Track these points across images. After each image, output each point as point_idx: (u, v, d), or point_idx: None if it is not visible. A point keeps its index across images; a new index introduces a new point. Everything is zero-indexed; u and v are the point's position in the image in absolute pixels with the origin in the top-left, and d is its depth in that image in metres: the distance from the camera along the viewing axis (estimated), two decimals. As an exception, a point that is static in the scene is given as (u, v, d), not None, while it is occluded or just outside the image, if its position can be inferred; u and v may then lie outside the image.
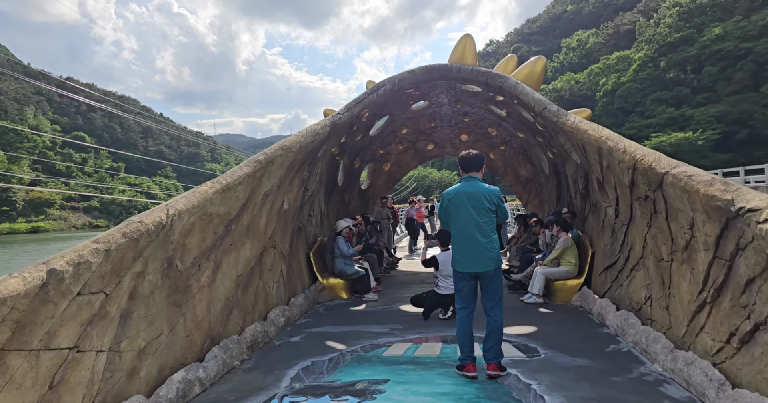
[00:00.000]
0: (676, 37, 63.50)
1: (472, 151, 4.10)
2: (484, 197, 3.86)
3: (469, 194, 3.88)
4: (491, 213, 3.88)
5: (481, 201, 3.85)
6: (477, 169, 4.02)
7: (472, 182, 3.96)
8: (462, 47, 7.34)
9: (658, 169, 3.74)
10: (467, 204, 3.86)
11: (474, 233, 3.82)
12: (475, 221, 3.83)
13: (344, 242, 7.04)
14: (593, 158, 5.31)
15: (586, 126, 5.19)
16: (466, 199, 3.88)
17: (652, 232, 4.25)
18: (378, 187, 12.35)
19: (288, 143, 5.05)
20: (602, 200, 5.85)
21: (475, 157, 4.04)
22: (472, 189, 3.90)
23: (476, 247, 3.82)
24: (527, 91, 6.55)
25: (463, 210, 3.87)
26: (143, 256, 3.03)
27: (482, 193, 3.88)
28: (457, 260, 3.93)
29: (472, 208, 3.84)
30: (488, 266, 3.82)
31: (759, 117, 49.94)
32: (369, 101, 6.94)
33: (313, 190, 6.99)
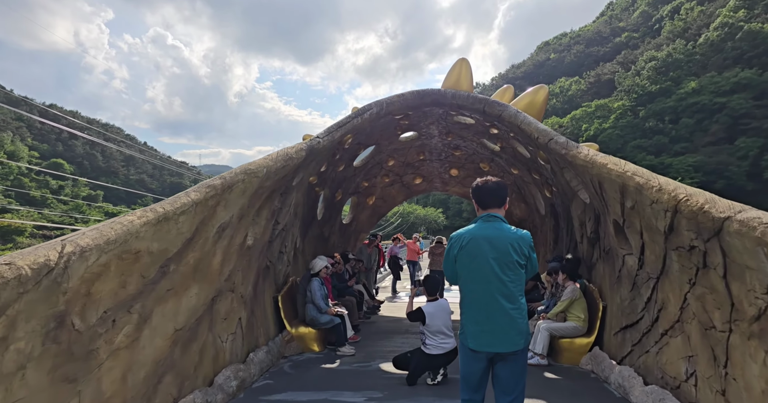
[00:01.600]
0: (654, 89, 66.02)
1: (492, 179, 3.06)
2: (511, 246, 2.86)
3: (491, 241, 2.88)
4: (520, 268, 2.89)
5: (507, 252, 2.85)
6: (499, 204, 3.02)
7: (494, 224, 2.95)
8: (457, 72, 6.71)
9: (714, 213, 2.96)
10: (487, 255, 2.86)
11: (496, 297, 2.84)
12: (499, 278, 2.84)
13: (319, 286, 6.06)
14: (612, 197, 4.55)
15: (605, 159, 4.46)
16: (486, 247, 2.87)
17: (698, 291, 3.43)
18: (361, 222, 11.45)
19: (253, 167, 4.18)
20: (619, 247, 5.05)
21: (497, 188, 3.01)
22: (495, 233, 2.90)
23: (500, 316, 2.83)
24: (529, 121, 5.87)
25: (481, 263, 2.88)
26: (7, 315, 2.06)
27: (510, 240, 2.88)
28: (470, 334, 2.91)
29: (494, 260, 2.85)
30: (515, 344, 2.82)
31: (734, 169, 51.23)
32: (353, 126, 6.17)
33: (286, 223, 6.06)
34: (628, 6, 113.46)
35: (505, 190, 3.08)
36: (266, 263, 5.64)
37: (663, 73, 67.14)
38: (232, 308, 4.57)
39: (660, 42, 78.13)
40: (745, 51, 60.93)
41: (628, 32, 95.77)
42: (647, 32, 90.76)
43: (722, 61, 62.77)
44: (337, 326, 5.97)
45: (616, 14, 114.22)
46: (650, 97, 65.77)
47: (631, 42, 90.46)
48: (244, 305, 4.84)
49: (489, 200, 3.01)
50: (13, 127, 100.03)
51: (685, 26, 76.32)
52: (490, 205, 3.01)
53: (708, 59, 64.76)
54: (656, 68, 68.31)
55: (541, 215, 9.58)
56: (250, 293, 5.04)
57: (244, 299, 4.86)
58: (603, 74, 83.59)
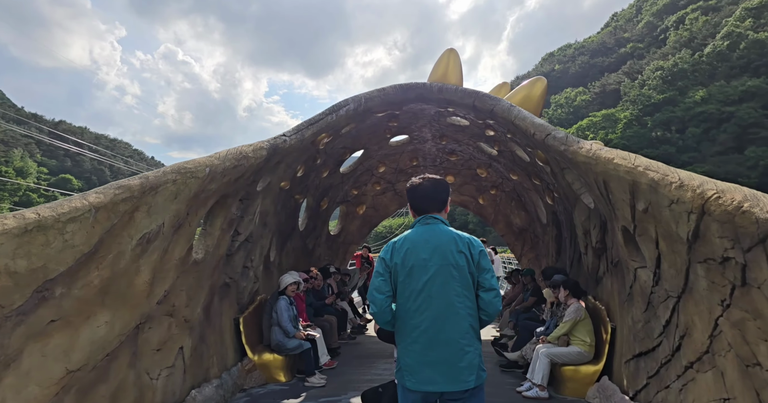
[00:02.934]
0: (660, 99, 65.36)
1: (429, 177, 2.52)
2: (458, 251, 2.29)
3: (432, 246, 2.30)
4: (470, 280, 2.28)
5: (453, 258, 2.27)
6: (438, 207, 2.46)
7: (435, 226, 2.39)
8: (445, 64, 6.04)
9: (759, 213, 2.23)
10: (428, 264, 2.27)
11: (439, 319, 2.22)
12: (443, 294, 2.23)
13: (287, 306, 5.31)
14: (621, 199, 3.82)
15: (610, 154, 3.74)
16: (425, 254, 2.29)
17: (734, 316, 2.67)
18: (350, 233, 10.73)
19: (190, 165, 3.47)
20: (630, 259, 4.30)
21: (434, 188, 2.46)
22: (436, 237, 2.33)
23: (443, 345, 2.21)
24: (524, 115, 5.17)
25: (419, 275, 2.27)
26: None
27: (455, 243, 2.31)
28: (407, 369, 2.26)
29: (437, 271, 2.25)
30: (464, 381, 2.19)
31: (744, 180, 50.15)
32: (327, 124, 5.50)
33: (251, 234, 5.35)
34: (633, 17, 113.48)
35: (446, 190, 2.52)
36: (225, 280, 4.91)
37: (669, 83, 66.55)
38: (170, 335, 3.82)
39: (666, 52, 77.66)
40: (752, 60, 60.25)
41: (633, 42, 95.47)
42: (652, 42, 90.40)
43: (729, 70, 62.10)
44: (306, 352, 5.21)
45: (621, 25, 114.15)
46: (656, 106, 65.05)
47: (636, 52, 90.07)
48: (189, 331, 4.10)
49: (425, 204, 2.46)
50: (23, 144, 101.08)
51: (690, 36, 75.87)
52: (427, 209, 2.45)
53: (715, 69, 64.10)
54: (662, 78, 67.76)
55: (543, 223, 8.83)
56: (199, 316, 4.30)
57: (190, 324, 4.12)
58: (608, 84, 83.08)
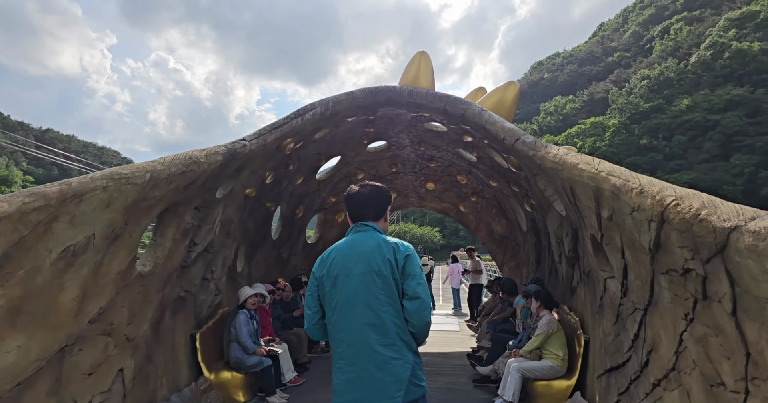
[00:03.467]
0: (647, 107, 66.22)
1: (369, 184, 2.39)
2: (383, 257, 2.14)
3: (356, 253, 2.19)
4: (395, 288, 2.11)
5: (375, 264, 2.13)
6: (375, 216, 2.34)
7: (363, 234, 2.26)
8: (416, 67, 5.88)
9: (716, 221, 2.06)
10: (351, 271, 2.15)
11: (362, 329, 2.08)
12: (365, 302, 2.09)
13: (246, 321, 5.02)
14: (587, 206, 3.65)
15: (575, 159, 3.58)
16: (349, 262, 2.17)
17: (698, 331, 2.49)
18: (329, 242, 10.47)
19: (126, 171, 3.21)
20: (599, 268, 4.13)
21: (371, 196, 2.35)
22: (362, 244, 2.21)
23: (367, 358, 2.06)
24: (495, 120, 5.02)
25: (343, 283, 2.15)
26: None
27: (381, 249, 2.17)
28: (336, 387, 2.13)
29: (360, 278, 2.12)
30: (391, 397, 2.01)
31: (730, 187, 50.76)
32: (291, 128, 5.30)
33: (211, 244, 5.09)
34: (619, 27, 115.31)
35: (384, 199, 2.39)
36: (179, 294, 4.63)
37: (656, 91, 67.48)
38: (107, 357, 3.53)
39: (652, 61, 78.90)
40: (735, 69, 61.33)
41: (620, 52, 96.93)
42: (639, 52, 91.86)
43: (714, 79, 63.14)
44: (267, 370, 4.92)
45: (608, 35, 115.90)
46: (644, 114, 65.87)
47: (623, 61, 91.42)
48: (131, 350, 3.79)
49: (360, 212, 2.33)
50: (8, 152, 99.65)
51: (675, 46, 77.21)
52: (362, 217, 2.33)
53: (700, 78, 65.17)
54: (649, 86, 68.73)
55: (523, 231, 8.67)
56: (146, 333, 4.01)
57: (134, 343, 3.82)
58: (596, 93, 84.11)
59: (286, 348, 5.52)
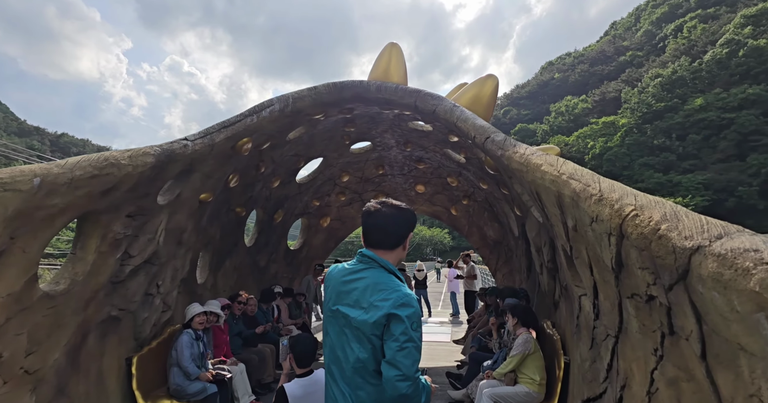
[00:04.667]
0: (660, 106, 64.88)
1: (391, 203, 2.01)
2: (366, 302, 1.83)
3: (346, 290, 1.90)
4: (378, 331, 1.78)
5: (356, 309, 1.85)
6: (389, 244, 1.98)
7: (366, 272, 1.91)
8: (386, 60, 5.43)
9: (676, 239, 1.58)
10: (337, 313, 1.91)
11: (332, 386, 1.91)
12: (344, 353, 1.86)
13: (189, 343, 4.54)
14: (553, 214, 3.17)
15: (540, 159, 3.10)
16: (336, 298, 1.94)
17: (668, 372, 2.00)
18: (314, 248, 10.06)
19: (4, 176, 2.65)
20: (574, 284, 3.64)
21: (390, 218, 1.97)
22: (355, 281, 1.90)
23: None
24: (466, 117, 4.55)
25: (330, 322, 1.96)
26: None
27: (367, 292, 1.85)
28: None
29: (343, 322, 1.87)
30: None
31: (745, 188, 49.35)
32: (245, 126, 4.88)
33: (154, 255, 4.64)
34: (631, 26, 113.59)
35: (407, 224, 2.00)
36: (110, 313, 4.18)
37: (669, 91, 66.11)
38: None
39: (665, 60, 77.39)
40: (751, 67, 59.77)
41: (632, 51, 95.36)
42: (651, 50, 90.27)
43: (729, 78, 61.61)
44: (210, 398, 4.42)
45: (620, 34, 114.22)
46: (656, 114, 64.56)
47: (635, 60, 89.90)
48: (32, 385, 3.29)
49: (375, 236, 1.98)
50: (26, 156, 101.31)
51: (689, 44, 75.64)
52: (377, 243, 1.97)
53: (714, 76, 63.65)
54: (662, 85, 67.36)
55: (515, 236, 8.15)
56: (58, 363, 3.54)
57: (37, 376, 3.32)
58: (608, 92, 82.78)
59: (243, 369, 5.06)
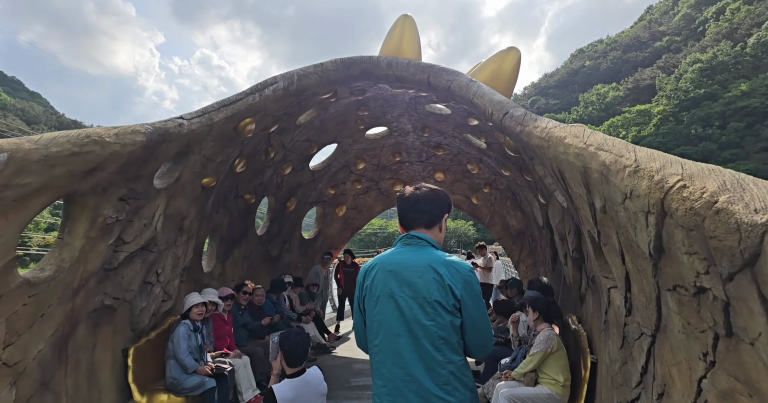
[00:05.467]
0: (699, 93, 61.91)
1: (425, 186, 2.07)
2: (436, 281, 1.82)
3: (403, 272, 1.88)
4: (449, 317, 1.79)
5: (426, 291, 1.82)
6: (426, 223, 2.01)
7: (414, 248, 1.95)
8: (398, 35, 5.04)
9: (742, 213, 1.18)
10: (396, 294, 1.86)
11: (412, 370, 1.78)
12: (414, 338, 1.80)
13: (186, 334, 4.32)
14: (578, 194, 2.75)
15: (563, 131, 2.69)
16: (393, 282, 1.87)
17: (721, 382, 1.60)
18: (329, 237, 9.81)
19: None
20: (602, 275, 3.21)
21: (423, 199, 2.03)
22: (412, 260, 1.90)
23: (417, 396, 1.77)
24: (483, 92, 4.14)
25: (386, 307, 1.87)
26: None
27: (429, 271, 1.84)
28: None
29: (408, 306, 1.83)
30: None
31: (794, 176, 46.61)
32: (247, 106, 4.60)
33: (152, 241, 4.42)
34: (668, 10, 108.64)
35: (442, 204, 2.05)
36: (103, 302, 3.97)
37: (708, 76, 62.98)
38: None
39: (705, 44, 73.69)
40: (801, 50, 56.16)
41: (669, 36, 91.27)
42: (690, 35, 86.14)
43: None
44: (208, 393, 4.19)
45: (656, 18, 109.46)
46: (694, 101, 61.66)
47: (672, 46, 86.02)
48: (12, 378, 3.06)
49: (411, 217, 2.02)
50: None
51: (731, 27, 71.71)
52: (413, 223, 2.02)
53: (759, 60, 60.22)
54: (701, 71, 64.21)
55: (539, 225, 7.67)
56: (43, 354, 3.30)
57: (17, 369, 3.10)
58: (642, 80, 79.59)
59: (247, 362, 4.83)
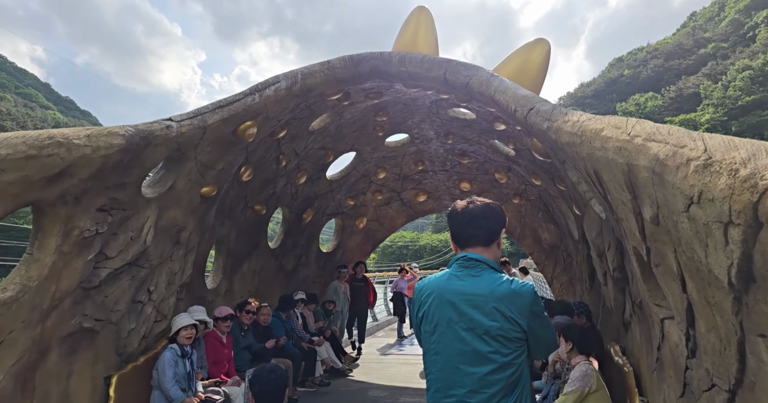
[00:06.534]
0: (749, 101, 58.65)
1: (477, 201, 1.95)
2: (496, 312, 1.70)
3: (462, 301, 1.75)
4: (513, 346, 1.70)
5: (488, 322, 1.69)
6: (484, 240, 1.87)
7: (472, 272, 1.80)
8: (413, 28, 4.60)
9: None
10: (457, 326, 1.73)
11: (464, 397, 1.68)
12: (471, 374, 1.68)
13: (172, 360, 3.89)
14: (619, 201, 2.17)
15: (600, 123, 2.14)
16: (451, 311, 1.75)
17: None
18: (349, 250, 9.34)
19: None
20: (653, 302, 2.59)
21: (479, 215, 1.90)
22: (470, 288, 1.77)
23: None
24: (506, 87, 3.61)
25: (445, 337, 1.76)
26: None
27: (494, 299, 1.71)
28: None
29: (470, 336, 1.71)
30: None
31: None
32: (246, 107, 4.23)
33: (143, 256, 4.05)
34: (714, 16, 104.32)
35: (499, 219, 1.92)
36: (83, 325, 3.56)
37: (760, 83, 59.55)
38: None
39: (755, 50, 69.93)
40: None
41: (715, 42, 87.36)
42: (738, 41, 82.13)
43: (834, 66, 54.45)
44: None
45: (701, 25, 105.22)
46: (744, 109, 58.43)
47: (719, 52, 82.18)
48: None
49: (469, 234, 1.89)
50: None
51: (784, 31, 67.82)
52: (470, 241, 1.89)
53: (816, 65, 56.48)
54: (751, 78, 60.86)
55: (575, 239, 6.97)
56: (4, 387, 2.92)
57: None
58: (686, 88, 76.25)
59: (244, 388, 4.37)
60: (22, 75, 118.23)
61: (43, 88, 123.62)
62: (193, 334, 4.08)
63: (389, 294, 12.93)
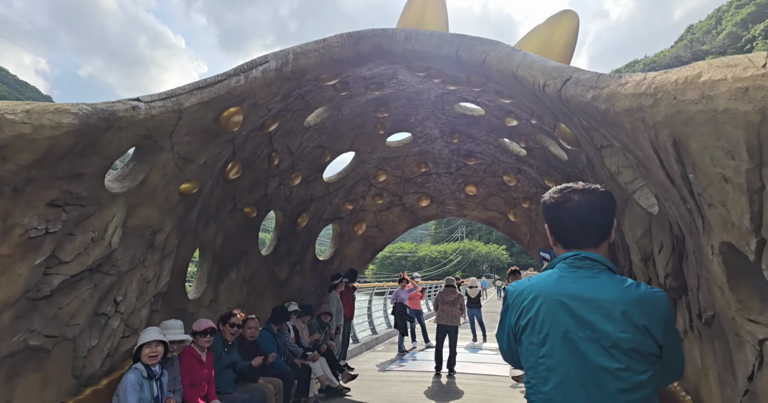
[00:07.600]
0: None
1: (579, 188, 1.58)
2: (625, 321, 1.38)
3: (582, 309, 1.43)
4: (647, 362, 1.37)
5: (616, 334, 1.38)
6: (595, 238, 1.54)
7: (589, 274, 1.49)
8: (420, 4, 4.09)
9: None
10: (576, 338, 1.41)
11: None
12: (601, 387, 1.36)
13: (135, 383, 3.30)
14: (715, 176, 1.60)
15: (688, 71, 1.58)
16: (571, 321, 1.43)
17: None
18: (347, 258, 8.74)
19: None
20: (744, 316, 2.00)
21: (589, 205, 1.52)
22: (590, 294, 1.45)
23: None
24: (531, 61, 3.08)
25: (561, 350, 1.42)
26: None
27: (619, 305, 1.40)
28: None
29: (593, 350, 1.38)
30: None
31: None
32: (229, 90, 3.68)
33: (108, 260, 3.48)
34: (711, 29, 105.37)
35: (608, 211, 1.56)
36: (30, 343, 3.01)
37: (758, 94, 59.74)
38: None
39: (752, 61, 70.25)
40: None
41: (712, 55, 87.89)
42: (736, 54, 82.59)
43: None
44: None
45: (698, 38, 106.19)
46: None
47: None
48: None
49: (574, 232, 1.57)
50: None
51: (781, 43, 68.18)
52: (577, 240, 1.57)
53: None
54: (749, 88, 61.03)
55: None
56: None
57: None
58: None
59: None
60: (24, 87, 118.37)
61: (44, 100, 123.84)
62: (159, 352, 3.47)
63: (389, 306, 12.32)
